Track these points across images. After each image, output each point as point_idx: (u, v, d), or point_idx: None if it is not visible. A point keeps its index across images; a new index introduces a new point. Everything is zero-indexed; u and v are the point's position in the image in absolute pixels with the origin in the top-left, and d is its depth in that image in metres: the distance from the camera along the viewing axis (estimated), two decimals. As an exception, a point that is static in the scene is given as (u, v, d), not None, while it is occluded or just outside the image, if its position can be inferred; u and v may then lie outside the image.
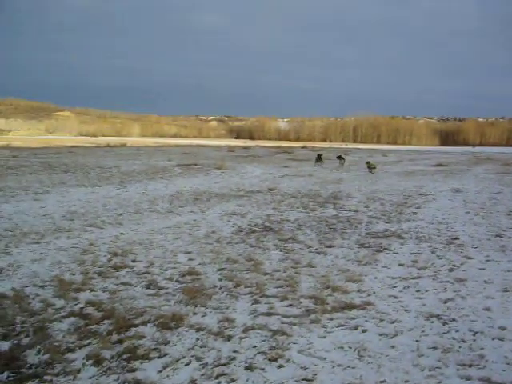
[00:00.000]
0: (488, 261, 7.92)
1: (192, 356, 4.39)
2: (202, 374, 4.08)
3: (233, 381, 4.00)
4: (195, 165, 27.33)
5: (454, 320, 5.37)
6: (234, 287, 6.28)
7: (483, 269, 7.44)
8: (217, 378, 4.03)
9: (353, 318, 5.34)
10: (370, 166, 27.57)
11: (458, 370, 4.27)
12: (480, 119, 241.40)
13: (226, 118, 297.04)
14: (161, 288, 6.21)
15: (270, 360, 4.34)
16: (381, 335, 4.93)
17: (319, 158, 34.22)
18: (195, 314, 5.37)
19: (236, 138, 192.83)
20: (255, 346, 4.60)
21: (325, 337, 4.86)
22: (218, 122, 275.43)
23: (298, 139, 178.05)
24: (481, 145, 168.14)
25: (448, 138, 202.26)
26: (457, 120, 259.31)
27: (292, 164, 32.01)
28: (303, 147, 75.82)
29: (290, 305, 5.70)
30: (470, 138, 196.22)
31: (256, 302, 5.78)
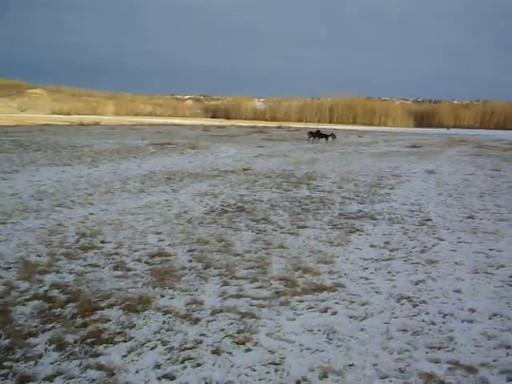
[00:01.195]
0: (459, 242, 7.93)
1: (158, 340, 4.29)
2: (168, 359, 3.98)
3: (199, 365, 3.91)
4: (169, 144, 27.06)
5: (424, 302, 5.35)
6: (204, 268, 6.19)
7: (454, 250, 7.45)
8: (182, 362, 3.95)
9: (323, 300, 5.28)
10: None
11: (427, 352, 4.24)
12: (455, 101, 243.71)
13: (202, 98, 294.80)
14: (129, 269, 6.08)
15: (237, 343, 4.26)
16: (351, 317, 4.88)
17: (316, 134, 36.49)
18: (163, 296, 5.27)
19: (212, 117, 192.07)
20: (223, 330, 4.52)
21: (294, 319, 4.79)
22: (194, 101, 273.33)
23: (273, 119, 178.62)
24: (455, 127, 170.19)
25: (423, 119, 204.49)
26: (432, 102, 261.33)
27: (267, 144, 31.86)
28: (279, 127, 75.93)
29: (260, 287, 5.62)
30: (444, 119, 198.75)
31: (225, 283, 5.69)
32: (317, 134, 36.49)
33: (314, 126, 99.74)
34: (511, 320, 4.98)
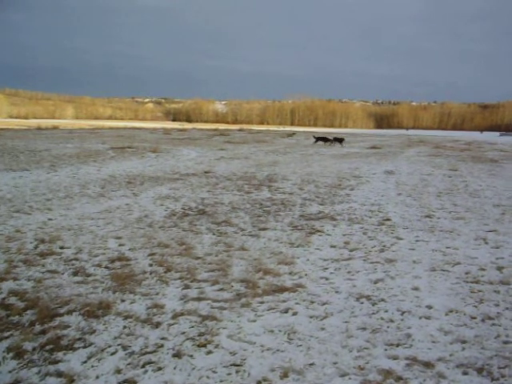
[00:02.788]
0: (417, 241, 8.08)
1: (118, 345, 4.25)
2: (128, 363, 3.96)
3: (160, 369, 3.90)
4: (130, 148, 26.79)
5: (383, 300, 5.44)
6: (165, 272, 6.15)
7: (412, 249, 7.59)
8: (143, 366, 3.92)
9: (284, 301, 5.32)
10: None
11: (385, 349, 4.31)
12: (413, 103, 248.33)
13: (163, 101, 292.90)
14: (89, 275, 6.01)
15: (198, 346, 4.26)
16: (311, 317, 4.93)
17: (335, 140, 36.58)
18: (123, 301, 5.22)
19: (173, 120, 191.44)
20: (184, 333, 4.51)
21: (255, 321, 4.82)
22: (155, 105, 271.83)
23: (235, 122, 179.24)
24: (414, 128, 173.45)
25: (383, 121, 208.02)
26: (391, 103, 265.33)
27: (228, 147, 31.81)
28: (240, 130, 75.95)
29: (221, 289, 5.63)
30: (404, 121, 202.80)
31: (186, 286, 5.68)
32: (327, 140, 37.68)
33: (275, 128, 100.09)
34: (467, 315, 5.11)
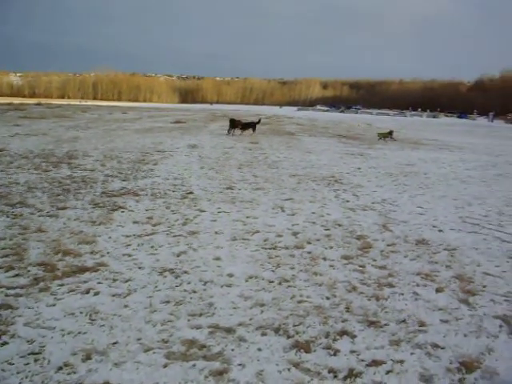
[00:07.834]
0: (219, 212, 8.35)
1: None
2: None
3: None
4: None
5: (186, 272, 5.55)
6: None
7: (214, 220, 7.82)
8: None
9: (85, 282, 5.17)
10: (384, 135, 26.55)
11: (189, 320, 4.42)
12: (217, 78, 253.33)
13: None
14: None
15: (-9, 338, 3.98)
16: (114, 296, 4.86)
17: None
18: None
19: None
20: (-27, 326, 4.18)
21: (54, 305, 4.62)
22: None
23: (33, 95, 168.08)
24: (218, 102, 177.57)
25: (188, 95, 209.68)
26: (196, 78, 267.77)
27: (25, 122, 29.67)
28: (38, 104, 71.34)
29: (17, 275, 5.29)
30: (208, 95, 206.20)
31: (-24, 276, 5.26)
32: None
33: (77, 103, 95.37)
34: (265, 280, 5.43)
